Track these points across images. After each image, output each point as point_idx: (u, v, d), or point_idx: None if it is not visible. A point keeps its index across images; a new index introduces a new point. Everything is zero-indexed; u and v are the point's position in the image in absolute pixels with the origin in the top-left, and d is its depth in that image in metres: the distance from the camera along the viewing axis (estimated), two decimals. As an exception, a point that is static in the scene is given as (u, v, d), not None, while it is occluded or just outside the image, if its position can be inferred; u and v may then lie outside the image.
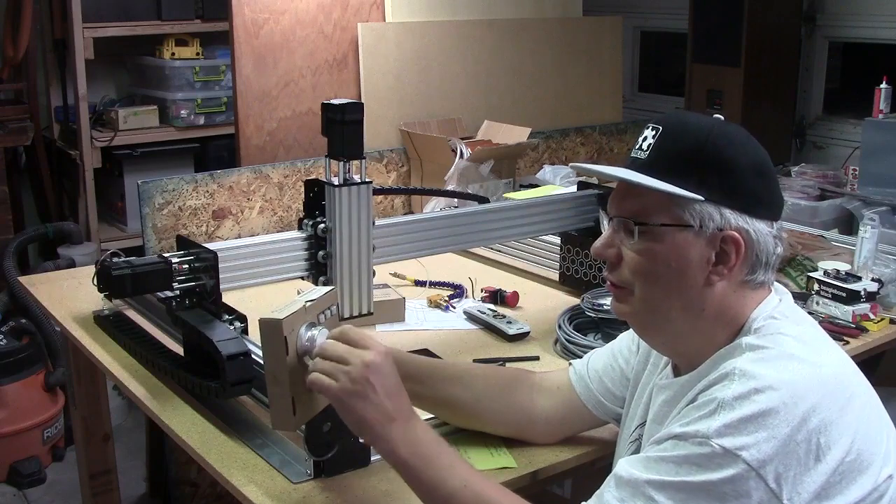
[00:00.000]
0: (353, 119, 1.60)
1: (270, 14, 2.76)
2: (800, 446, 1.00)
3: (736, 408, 1.01)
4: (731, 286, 1.13)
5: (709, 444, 1.00)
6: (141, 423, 3.05)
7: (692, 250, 1.11)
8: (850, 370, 1.13)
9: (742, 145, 1.14)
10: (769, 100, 3.50)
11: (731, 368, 1.06)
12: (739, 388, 1.03)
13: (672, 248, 1.12)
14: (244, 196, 2.63)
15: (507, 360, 1.78)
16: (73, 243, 3.46)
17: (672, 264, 1.12)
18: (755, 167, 1.13)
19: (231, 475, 1.36)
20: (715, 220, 1.10)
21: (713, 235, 1.11)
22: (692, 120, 1.16)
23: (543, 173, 3.04)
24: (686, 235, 1.11)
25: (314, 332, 1.24)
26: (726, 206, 1.11)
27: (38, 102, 3.68)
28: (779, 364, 1.05)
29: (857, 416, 1.06)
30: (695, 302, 1.13)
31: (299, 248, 1.68)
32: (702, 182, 1.10)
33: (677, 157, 1.12)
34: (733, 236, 1.11)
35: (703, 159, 1.11)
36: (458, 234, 1.90)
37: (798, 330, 1.13)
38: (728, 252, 1.11)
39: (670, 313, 1.14)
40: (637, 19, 4.24)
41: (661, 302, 1.14)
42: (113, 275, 1.57)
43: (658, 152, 1.13)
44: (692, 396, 1.10)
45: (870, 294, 1.99)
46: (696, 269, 1.12)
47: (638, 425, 1.29)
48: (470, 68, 3.17)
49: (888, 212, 2.65)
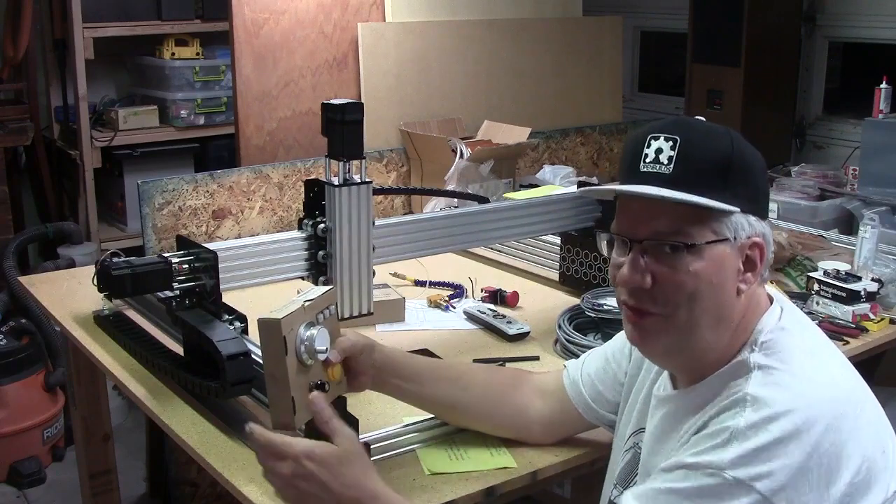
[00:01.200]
0: (353, 119, 1.60)
1: (270, 14, 2.76)
2: (812, 472, 0.98)
3: (750, 437, 0.99)
4: (751, 292, 1.11)
5: (722, 476, 0.98)
6: (141, 423, 3.05)
7: (728, 263, 1.08)
8: (857, 382, 1.11)
9: (752, 149, 1.12)
10: (769, 100, 3.50)
11: (743, 394, 1.03)
12: (753, 416, 1.01)
13: (712, 265, 1.07)
14: (244, 196, 2.63)
15: (507, 360, 1.78)
16: (73, 243, 3.46)
17: (714, 280, 1.07)
18: (763, 168, 1.13)
19: (231, 475, 1.36)
20: (745, 230, 1.09)
21: (742, 245, 1.09)
22: (704, 127, 1.12)
23: (543, 173, 3.04)
24: (724, 248, 1.08)
25: (313, 331, 1.25)
26: (752, 212, 1.09)
27: (38, 102, 3.68)
28: (790, 386, 1.03)
29: (868, 432, 1.04)
30: (726, 316, 1.10)
31: (299, 248, 1.68)
32: (734, 192, 1.07)
33: (707, 168, 1.07)
34: (759, 242, 1.10)
35: (734, 169, 1.08)
36: (458, 234, 1.90)
37: (805, 344, 1.10)
38: (754, 258, 1.10)
39: (705, 332, 1.09)
40: (637, 19, 4.24)
41: (702, 322, 1.09)
42: (113, 275, 1.57)
43: (684, 165, 1.07)
44: (702, 422, 1.07)
45: (870, 294, 1.99)
46: (731, 280, 1.09)
47: (633, 433, 1.27)
48: (470, 68, 3.17)
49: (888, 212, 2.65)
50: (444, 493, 1.34)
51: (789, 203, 2.85)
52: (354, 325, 1.85)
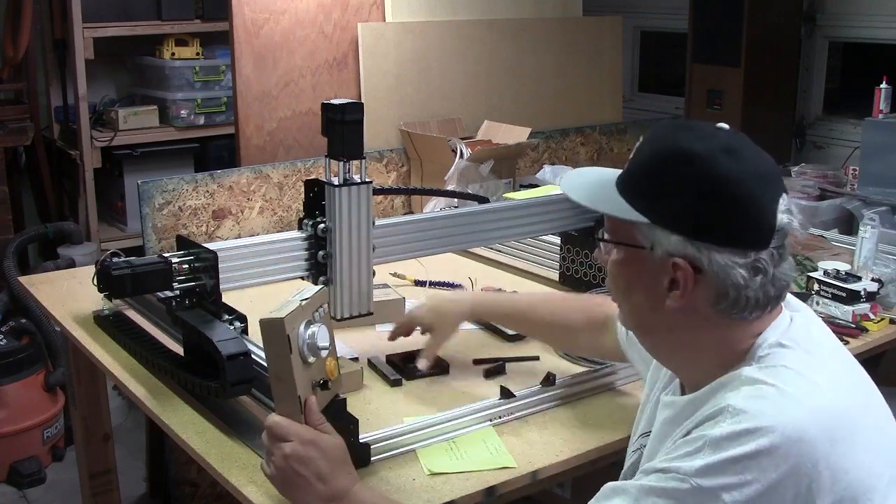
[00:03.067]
0: (353, 119, 1.60)
1: (270, 14, 2.76)
2: (787, 492, 0.96)
3: (722, 448, 0.97)
4: (705, 317, 1.07)
5: (688, 482, 0.98)
6: (141, 423, 3.04)
7: (644, 271, 1.09)
8: (859, 398, 1.07)
9: (707, 164, 1.03)
10: (769, 100, 3.50)
11: (726, 405, 1.01)
12: (729, 427, 0.98)
13: (628, 266, 1.12)
14: (244, 196, 2.63)
15: (508, 360, 1.78)
16: (73, 243, 3.46)
17: (631, 281, 1.12)
18: (717, 190, 1.03)
19: (231, 475, 1.37)
20: (663, 246, 1.06)
21: (663, 260, 1.06)
22: (666, 133, 1.10)
23: (543, 173, 3.04)
24: (639, 255, 1.09)
25: (314, 328, 1.25)
26: (675, 231, 1.05)
27: (38, 102, 3.68)
28: (777, 402, 1.00)
29: (858, 458, 1.00)
30: (660, 322, 1.11)
31: (299, 248, 1.68)
32: (658, 204, 1.06)
33: (640, 174, 1.10)
34: (680, 264, 1.05)
35: (658, 180, 1.06)
36: (458, 234, 1.90)
37: (804, 360, 1.05)
38: (677, 279, 1.06)
39: (651, 334, 1.16)
40: (637, 19, 4.24)
41: (633, 316, 1.16)
42: (113, 275, 1.57)
43: (630, 166, 1.12)
44: (689, 428, 1.06)
45: (870, 294, 1.99)
46: (652, 290, 1.09)
47: (642, 434, 1.28)
48: (470, 68, 3.17)
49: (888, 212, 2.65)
50: (444, 493, 1.34)
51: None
52: (354, 325, 1.86)
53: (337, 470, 1.23)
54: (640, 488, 1.03)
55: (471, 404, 1.56)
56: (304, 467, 1.21)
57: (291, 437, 1.22)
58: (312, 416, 1.24)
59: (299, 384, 1.22)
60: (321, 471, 1.22)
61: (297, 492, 1.23)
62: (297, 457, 1.21)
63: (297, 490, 1.23)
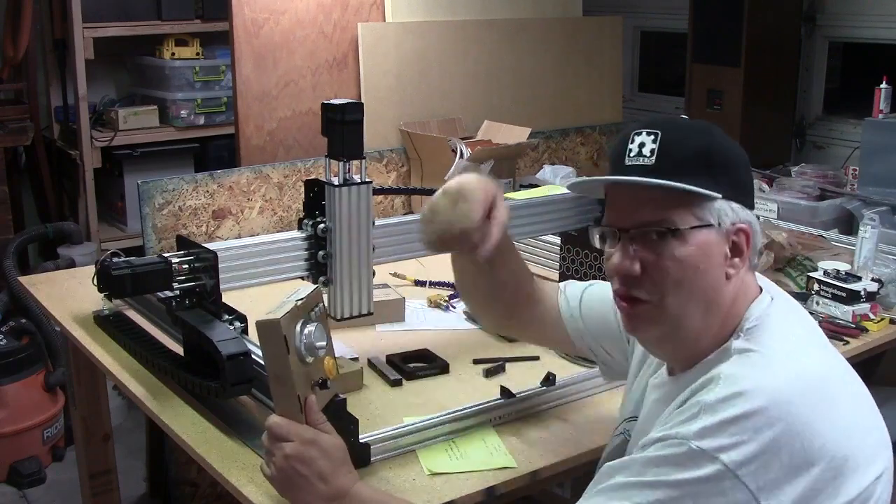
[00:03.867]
0: (353, 119, 1.60)
1: (270, 14, 2.76)
2: (782, 450, 0.99)
3: (718, 411, 1.02)
4: (739, 279, 1.14)
5: (687, 445, 1.01)
6: (141, 423, 3.04)
7: (715, 248, 1.12)
8: (839, 371, 1.13)
9: (732, 142, 1.17)
10: (769, 100, 3.49)
11: (717, 373, 1.07)
12: (722, 391, 1.04)
13: (699, 250, 1.11)
14: (244, 196, 2.63)
15: (507, 360, 1.78)
16: (73, 243, 3.46)
17: (700, 266, 1.11)
18: (746, 161, 1.18)
19: (231, 475, 1.37)
20: (729, 216, 1.12)
21: (728, 231, 1.12)
22: (684, 122, 1.19)
23: (543, 173, 3.04)
24: (709, 234, 1.12)
25: (310, 328, 1.25)
26: (735, 200, 1.13)
27: (38, 102, 3.68)
28: (765, 367, 1.06)
29: (845, 421, 1.05)
30: (715, 301, 1.13)
31: (299, 248, 1.68)
32: (715, 180, 1.11)
33: (687, 158, 1.12)
34: (745, 228, 1.13)
35: (713, 158, 1.13)
36: (458, 234, 1.89)
37: (787, 330, 1.13)
38: (740, 244, 1.13)
39: (695, 317, 1.13)
40: (637, 19, 4.24)
41: (691, 309, 1.12)
42: (113, 275, 1.57)
43: (666, 156, 1.12)
44: (681, 400, 1.10)
45: (870, 294, 1.99)
46: (717, 267, 1.12)
47: (626, 419, 1.30)
48: (470, 68, 3.17)
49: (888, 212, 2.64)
50: (444, 493, 1.34)
51: (789, 203, 2.85)
52: (354, 326, 1.86)
53: (337, 469, 1.23)
54: (640, 461, 1.05)
55: (471, 404, 1.56)
56: (304, 467, 1.21)
57: (292, 437, 1.22)
58: (312, 415, 1.24)
59: (298, 384, 1.22)
60: (322, 470, 1.22)
61: (297, 492, 1.23)
62: (297, 457, 1.21)
63: (297, 490, 1.23)
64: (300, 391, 1.22)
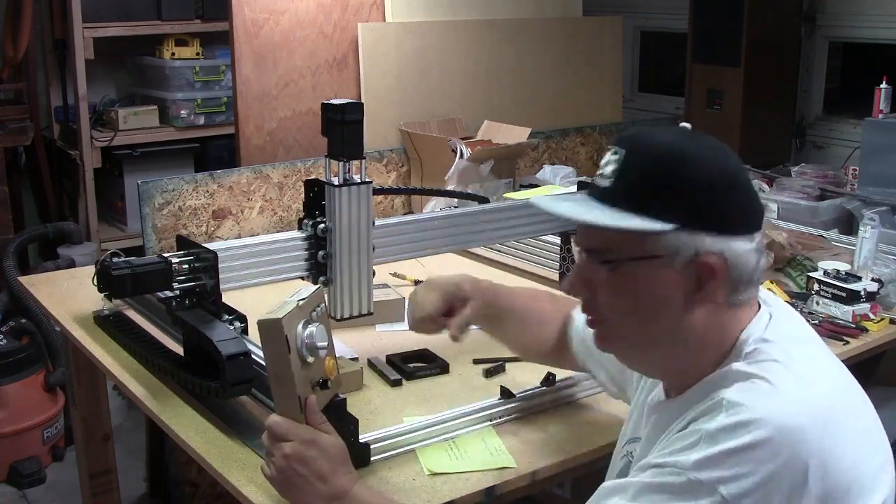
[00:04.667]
0: (353, 119, 1.60)
1: (270, 14, 2.76)
2: (783, 483, 0.96)
3: (719, 441, 0.98)
4: (714, 310, 1.07)
5: (685, 475, 0.98)
6: (141, 423, 3.04)
7: (667, 281, 1.05)
8: (843, 395, 1.08)
9: (705, 158, 1.05)
10: (769, 100, 3.50)
11: (720, 399, 1.02)
12: (725, 420, 0.99)
13: (645, 282, 1.06)
14: (244, 196, 2.63)
15: (508, 360, 1.78)
16: (73, 243, 3.46)
17: (647, 298, 1.06)
18: (724, 181, 1.05)
19: (231, 475, 1.37)
20: (689, 247, 1.04)
21: (688, 263, 1.04)
22: (652, 139, 1.09)
23: (543, 173, 3.04)
24: (658, 267, 1.05)
25: (312, 328, 1.25)
26: (699, 229, 1.04)
27: (38, 102, 3.68)
28: (770, 396, 1.01)
29: (849, 448, 1.01)
30: (675, 332, 1.08)
31: (299, 248, 1.68)
32: (669, 207, 1.03)
33: (640, 182, 1.04)
34: (708, 262, 1.04)
35: (667, 182, 1.04)
36: (458, 234, 1.90)
37: (791, 355, 1.06)
38: (704, 278, 1.05)
39: (652, 347, 1.10)
40: (637, 19, 4.24)
41: (642, 336, 1.10)
42: (113, 275, 1.57)
43: (621, 179, 1.06)
44: (683, 424, 1.06)
45: (870, 294, 1.99)
46: (673, 299, 1.06)
47: (628, 441, 1.28)
48: (470, 68, 3.17)
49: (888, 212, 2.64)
50: (444, 493, 1.34)
51: (789, 203, 2.85)
52: (354, 325, 1.86)
53: (337, 470, 1.23)
54: (637, 485, 1.02)
55: (471, 404, 1.56)
56: (304, 467, 1.21)
57: (291, 437, 1.22)
58: (313, 415, 1.24)
59: (299, 384, 1.22)
60: (321, 470, 1.22)
61: (297, 492, 1.23)
62: (297, 456, 1.21)
63: (297, 490, 1.23)
64: (300, 391, 1.22)
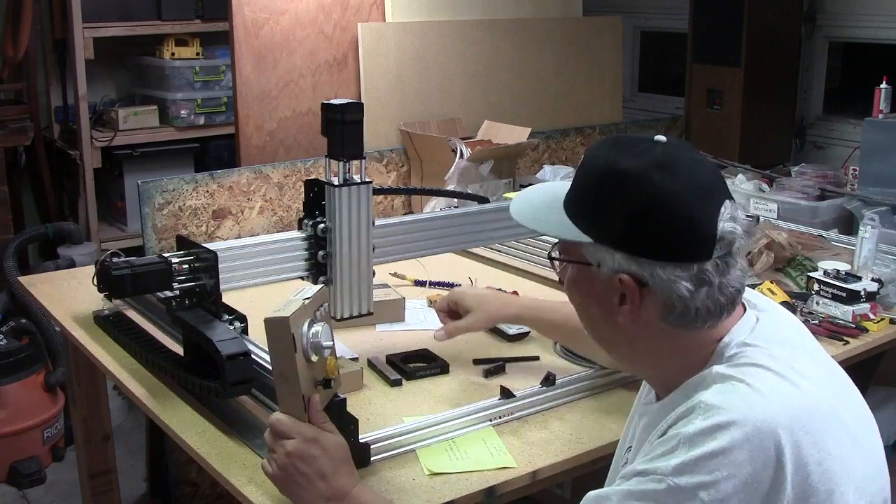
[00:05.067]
0: (353, 119, 1.60)
1: (270, 14, 2.76)
2: (762, 484, 0.96)
3: (697, 444, 0.98)
4: (659, 328, 1.09)
5: (665, 482, 0.98)
6: (141, 423, 3.04)
7: (595, 287, 1.12)
8: (827, 399, 1.06)
9: (644, 182, 1.04)
10: (769, 100, 3.50)
11: (698, 401, 1.02)
12: (702, 423, 0.99)
13: (581, 283, 1.14)
14: (244, 196, 2.63)
15: (508, 360, 1.78)
16: (73, 243, 3.46)
17: (584, 296, 1.15)
18: (653, 207, 1.04)
19: (231, 475, 1.37)
20: (608, 263, 1.08)
21: (609, 277, 1.09)
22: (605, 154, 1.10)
23: (543, 173, 3.04)
24: (589, 272, 1.12)
25: (317, 327, 1.25)
26: (617, 249, 1.07)
27: (38, 102, 3.68)
28: (746, 397, 1.01)
29: (829, 452, 1.01)
30: (617, 336, 1.13)
31: (299, 248, 1.68)
32: (592, 222, 1.09)
33: (579, 195, 1.12)
34: (625, 280, 1.07)
35: (596, 201, 1.09)
36: (458, 234, 1.90)
37: (774, 357, 1.06)
38: (625, 295, 1.08)
39: (611, 347, 1.17)
40: (637, 19, 4.24)
41: (593, 330, 1.18)
42: (113, 275, 1.57)
43: (572, 186, 1.14)
44: (664, 428, 1.06)
45: (870, 294, 1.99)
46: (604, 305, 1.11)
47: (627, 449, 1.28)
48: (470, 68, 3.17)
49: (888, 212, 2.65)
50: (444, 493, 1.34)
51: (789, 203, 2.85)
52: (354, 325, 1.86)
53: (339, 469, 1.24)
54: (620, 493, 1.02)
55: (471, 404, 1.56)
56: (305, 465, 1.22)
57: (294, 434, 1.22)
58: (316, 414, 1.25)
59: (303, 383, 1.22)
60: (323, 469, 1.22)
61: (298, 490, 1.23)
62: (299, 454, 1.22)
63: (298, 489, 1.23)
64: (305, 390, 1.22)
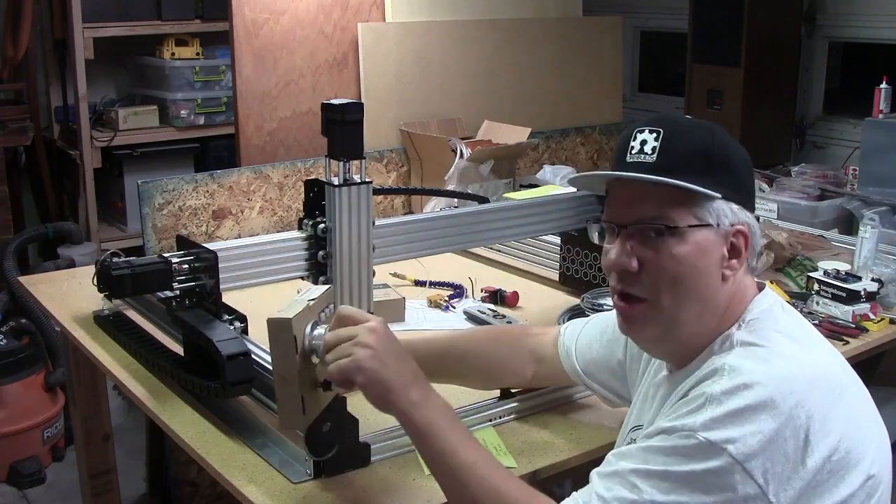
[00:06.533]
0: (353, 119, 1.60)
1: (270, 14, 2.76)
2: (787, 442, 1.00)
3: (723, 402, 1.02)
4: (737, 279, 1.15)
5: (695, 437, 1.01)
6: (141, 423, 3.05)
7: (712, 248, 1.13)
8: (840, 367, 1.14)
9: (735, 143, 1.17)
10: (769, 100, 3.50)
11: (721, 364, 1.07)
12: (728, 382, 1.04)
13: (696, 249, 1.12)
14: (244, 196, 2.63)
15: (507, 360, 1.77)
16: (73, 243, 3.46)
17: (698, 265, 1.12)
18: (748, 163, 1.18)
19: (231, 475, 1.37)
20: (728, 217, 1.13)
21: (726, 231, 1.13)
22: (687, 121, 1.19)
23: (543, 173, 3.04)
24: (707, 234, 1.12)
25: (320, 329, 1.24)
26: (734, 201, 1.14)
27: (38, 102, 3.69)
28: (768, 360, 1.06)
29: (846, 414, 1.06)
30: (711, 301, 1.14)
31: (299, 248, 1.67)
32: (715, 180, 1.12)
33: (688, 157, 1.13)
34: (743, 230, 1.14)
35: (714, 158, 1.13)
36: (458, 234, 1.90)
37: (790, 326, 1.14)
38: (738, 246, 1.14)
39: (690, 318, 1.14)
40: (637, 19, 4.24)
41: (686, 309, 1.13)
42: (113, 275, 1.57)
43: (666, 154, 1.13)
44: (685, 390, 1.10)
45: (870, 294, 1.99)
46: (715, 267, 1.13)
47: (632, 428, 1.29)
48: (470, 68, 3.17)
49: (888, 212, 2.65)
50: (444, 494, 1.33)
51: (789, 203, 2.85)
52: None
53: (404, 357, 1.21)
54: (646, 449, 1.05)
55: (471, 404, 1.56)
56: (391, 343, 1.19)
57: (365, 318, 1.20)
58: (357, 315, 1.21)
59: (302, 384, 1.22)
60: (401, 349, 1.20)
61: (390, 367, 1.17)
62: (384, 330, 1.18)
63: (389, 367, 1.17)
64: (304, 391, 1.22)
